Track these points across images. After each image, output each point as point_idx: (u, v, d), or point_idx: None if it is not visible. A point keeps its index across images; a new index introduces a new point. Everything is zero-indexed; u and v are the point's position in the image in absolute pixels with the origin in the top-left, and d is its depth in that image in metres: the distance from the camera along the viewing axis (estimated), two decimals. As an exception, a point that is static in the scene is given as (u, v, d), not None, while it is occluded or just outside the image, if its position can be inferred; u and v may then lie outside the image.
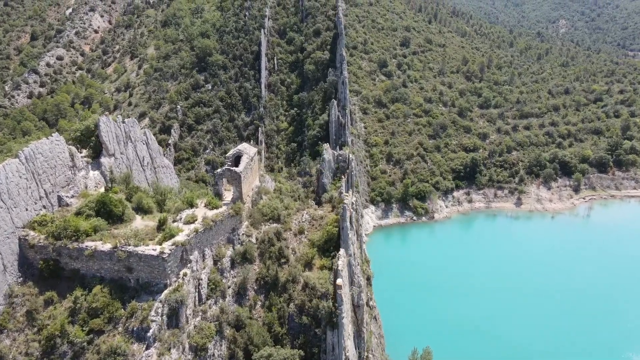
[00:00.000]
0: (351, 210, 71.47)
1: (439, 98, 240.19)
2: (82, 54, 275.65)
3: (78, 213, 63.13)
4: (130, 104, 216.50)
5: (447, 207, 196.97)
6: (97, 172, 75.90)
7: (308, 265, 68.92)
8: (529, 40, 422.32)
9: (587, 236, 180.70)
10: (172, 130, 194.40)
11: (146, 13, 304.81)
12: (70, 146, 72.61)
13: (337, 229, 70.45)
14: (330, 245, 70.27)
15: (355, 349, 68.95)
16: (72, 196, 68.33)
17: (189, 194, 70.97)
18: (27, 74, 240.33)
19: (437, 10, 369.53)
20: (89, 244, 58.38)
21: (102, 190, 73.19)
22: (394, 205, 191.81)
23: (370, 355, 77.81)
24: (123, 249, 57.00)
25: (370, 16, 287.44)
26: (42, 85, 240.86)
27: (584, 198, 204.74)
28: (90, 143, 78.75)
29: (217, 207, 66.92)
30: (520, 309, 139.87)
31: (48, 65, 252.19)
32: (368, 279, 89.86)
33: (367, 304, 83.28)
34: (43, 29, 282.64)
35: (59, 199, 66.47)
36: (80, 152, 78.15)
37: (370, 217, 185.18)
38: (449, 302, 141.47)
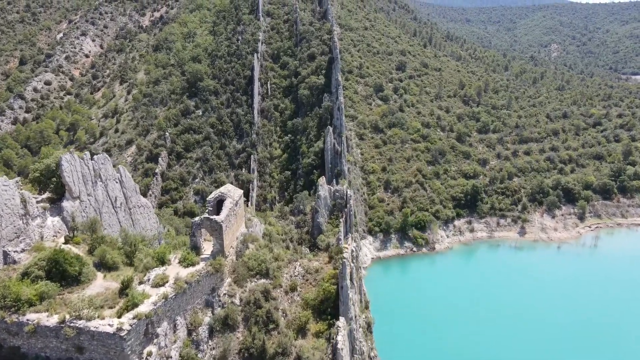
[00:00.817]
0: (352, 264, 59.71)
1: (437, 123, 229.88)
2: (72, 79, 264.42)
3: (25, 274, 51.20)
4: (117, 130, 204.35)
5: (448, 237, 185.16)
6: (57, 219, 64.05)
7: (301, 330, 56.79)
8: (523, 64, 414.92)
9: (595, 266, 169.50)
10: (159, 159, 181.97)
11: (138, 37, 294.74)
12: (24, 191, 60.93)
13: (335, 286, 58.67)
14: (328, 306, 58.36)
15: None
16: (23, 250, 56.61)
17: (160, 248, 59.04)
18: (12, 99, 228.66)
19: (432, 34, 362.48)
20: (32, 316, 46.26)
21: (62, 240, 61.63)
22: (393, 236, 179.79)
23: None
24: (72, 324, 44.97)
25: (366, 40, 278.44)
26: (27, 111, 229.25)
27: (589, 226, 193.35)
28: (51, 185, 67.07)
29: (193, 264, 55.03)
30: (525, 342, 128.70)
31: (35, 90, 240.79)
32: (369, 326, 78.38)
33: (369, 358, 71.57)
34: (32, 53, 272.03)
35: (5, 255, 54.68)
36: (41, 194, 66.73)
37: (369, 248, 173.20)
38: (452, 338, 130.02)
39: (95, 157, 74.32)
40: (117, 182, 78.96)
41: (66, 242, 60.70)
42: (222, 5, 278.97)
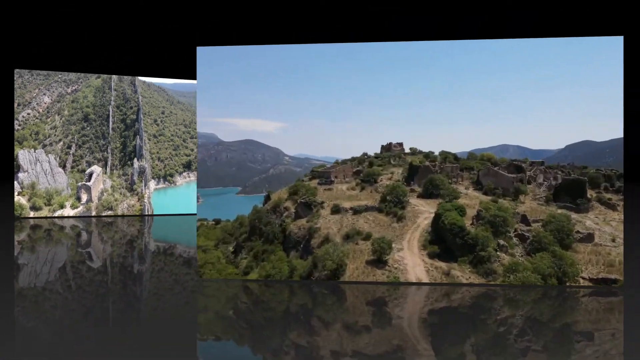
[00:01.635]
0: (147, 202, 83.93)
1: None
2: (38, 112, 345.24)
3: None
4: (55, 135, 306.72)
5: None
6: (15, 183, 75.75)
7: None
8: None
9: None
10: (72, 147, 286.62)
11: (65, 96, 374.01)
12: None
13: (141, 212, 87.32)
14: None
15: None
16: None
17: (63, 197, 78.38)
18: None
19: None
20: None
21: (16, 193, 75.76)
22: (162, 179, 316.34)
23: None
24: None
25: (151, 101, 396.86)
26: (19, 125, 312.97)
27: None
28: (13, 165, 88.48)
29: (77, 207, 71.84)
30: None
31: (22, 117, 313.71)
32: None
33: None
34: (23, 101, 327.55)
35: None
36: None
37: (154, 185, 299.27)
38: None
39: (37, 150, 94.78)
40: (47, 162, 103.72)
41: (18, 195, 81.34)
42: (97, 85, 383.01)
